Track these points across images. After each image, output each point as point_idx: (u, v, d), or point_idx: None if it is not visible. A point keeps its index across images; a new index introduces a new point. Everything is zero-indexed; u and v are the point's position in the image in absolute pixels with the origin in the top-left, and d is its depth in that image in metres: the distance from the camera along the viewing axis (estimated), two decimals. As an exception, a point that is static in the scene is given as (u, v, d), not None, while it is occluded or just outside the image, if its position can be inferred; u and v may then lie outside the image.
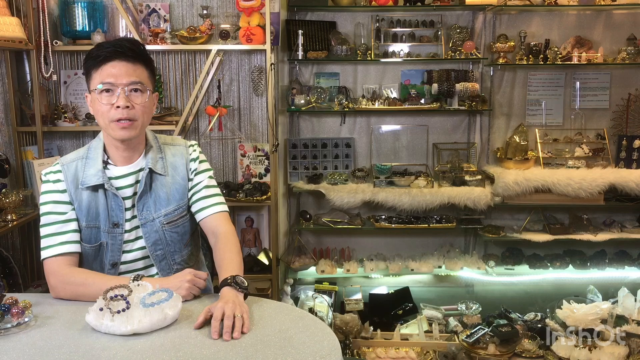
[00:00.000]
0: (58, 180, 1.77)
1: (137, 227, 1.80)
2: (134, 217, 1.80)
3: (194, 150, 1.91)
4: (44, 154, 3.14)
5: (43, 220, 1.75)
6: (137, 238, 1.81)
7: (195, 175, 1.89)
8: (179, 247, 1.85)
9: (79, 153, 1.83)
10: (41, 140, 3.10)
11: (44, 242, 1.73)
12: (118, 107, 1.68)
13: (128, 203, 1.79)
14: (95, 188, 1.76)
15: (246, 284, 1.60)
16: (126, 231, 1.79)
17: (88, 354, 1.32)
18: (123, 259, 1.80)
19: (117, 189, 1.77)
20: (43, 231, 1.74)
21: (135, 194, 1.80)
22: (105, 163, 1.79)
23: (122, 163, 1.80)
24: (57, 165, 1.80)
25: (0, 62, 3.00)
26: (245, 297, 1.58)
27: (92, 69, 1.71)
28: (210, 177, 1.91)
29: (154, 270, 1.84)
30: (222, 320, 1.42)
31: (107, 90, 1.69)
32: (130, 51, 1.71)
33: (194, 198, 1.87)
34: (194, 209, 1.88)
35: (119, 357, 1.31)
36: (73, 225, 1.76)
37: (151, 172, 1.80)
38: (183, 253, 1.87)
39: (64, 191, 1.76)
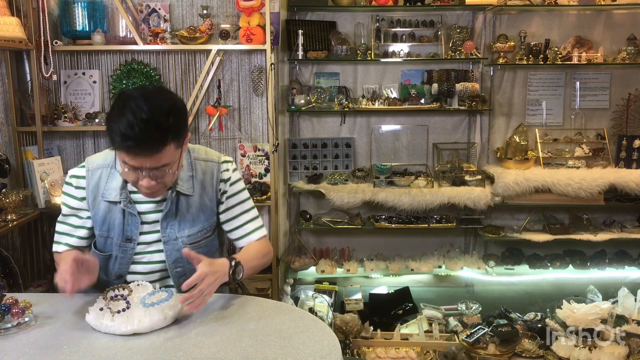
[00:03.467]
0: (79, 187, 1.77)
1: (157, 242, 1.77)
2: (154, 231, 1.77)
3: (226, 170, 1.84)
4: (44, 154, 3.14)
5: (60, 217, 1.82)
6: (156, 251, 1.78)
7: (227, 198, 1.85)
8: None
9: (106, 158, 1.78)
10: (41, 140, 3.10)
11: (55, 237, 1.82)
12: (145, 186, 1.60)
13: (150, 217, 1.76)
14: (114, 202, 1.74)
15: (239, 276, 1.68)
16: (140, 244, 1.76)
17: (88, 354, 1.32)
18: (138, 269, 1.78)
19: (139, 203, 1.74)
20: (57, 226, 1.82)
21: (159, 211, 1.75)
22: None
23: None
24: (83, 170, 1.77)
25: (0, 62, 3.00)
26: (228, 284, 1.64)
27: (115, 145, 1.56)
28: (244, 199, 1.88)
29: (169, 281, 1.82)
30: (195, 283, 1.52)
31: (130, 169, 1.58)
32: (156, 143, 1.51)
33: (231, 225, 1.87)
34: (232, 236, 1.89)
35: (119, 357, 1.31)
36: (83, 232, 1.80)
37: (178, 193, 1.76)
38: None
39: (82, 199, 1.77)
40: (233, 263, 1.66)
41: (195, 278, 1.51)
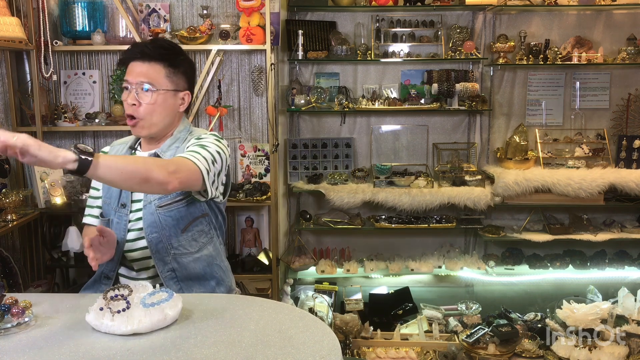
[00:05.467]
0: None
1: (141, 209, 1.86)
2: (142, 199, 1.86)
3: (203, 134, 1.88)
4: (44, 154, 3.13)
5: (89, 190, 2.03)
6: (140, 219, 1.86)
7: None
8: (175, 232, 1.84)
9: (128, 140, 1.99)
10: (41, 140, 3.09)
11: (85, 209, 2.01)
12: (130, 104, 1.81)
13: None
14: None
15: (89, 150, 1.43)
16: (131, 211, 1.86)
17: (88, 354, 1.32)
18: (128, 237, 1.86)
19: None
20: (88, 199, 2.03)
21: None
22: (134, 149, 1.94)
23: (144, 149, 1.93)
24: (107, 147, 2.02)
25: (0, 62, 3.00)
26: (80, 165, 1.40)
27: (123, 68, 1.88)
28: (200, 145, 1.78)
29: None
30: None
31: (127, 88, 1.82)
32: (146, 50, 1.81)
33: None
34: None
35: (119, 357, 1.31)
36: (100, 202, 1.95)
37: (156, 156, 1.85)
38: (180, 238, 1.85)
39: None
40: (82, 157, 1.41)
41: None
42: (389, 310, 3.48)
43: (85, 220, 2.00)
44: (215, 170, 1.78)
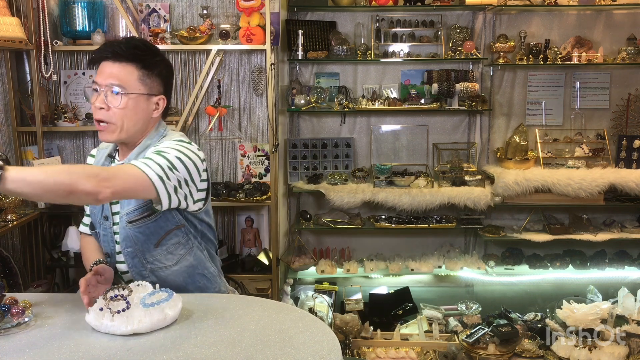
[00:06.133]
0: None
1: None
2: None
3: (168, 142, 1.72)
4: (44, 154, 3.14)
5: None
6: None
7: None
8: (147, 247, 1.75)
9: (109, 146, 1.89)
10: (41, 140, 3.10)
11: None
12: (97, 107, 1.69)
13: None
14: None
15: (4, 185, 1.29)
16: (114, 224, 1.79)
17: (88, 354, 1.32)
18: (119, 249, 1.80)
19: None
20: None
21: None
22: (112, 157, 1.85)
23: (121, 157, 1.83)
24: (95, 150, 1.93)
25: (0, 62, 3.00)
26: None
27: (94, 67, 1.77)
28: (156, 152, 1.64)
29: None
30: None
31: (96, 90, 1.70)
32: (119, 49, 1.69)
33: None
34: None
35: (119, 357, 1.31)
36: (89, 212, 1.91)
37: None
38: (154, 253, 1.76)
39: None
40: None
41: None
42: (389, 310, 3.48)
43: (81, 228, 1.97)
44: (177, 177, 1.62)
